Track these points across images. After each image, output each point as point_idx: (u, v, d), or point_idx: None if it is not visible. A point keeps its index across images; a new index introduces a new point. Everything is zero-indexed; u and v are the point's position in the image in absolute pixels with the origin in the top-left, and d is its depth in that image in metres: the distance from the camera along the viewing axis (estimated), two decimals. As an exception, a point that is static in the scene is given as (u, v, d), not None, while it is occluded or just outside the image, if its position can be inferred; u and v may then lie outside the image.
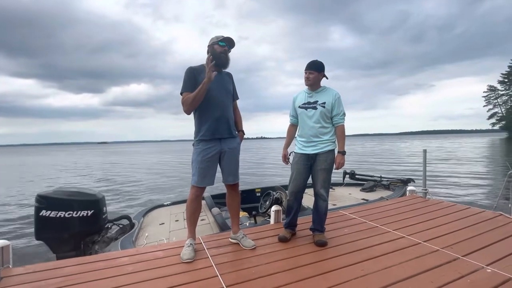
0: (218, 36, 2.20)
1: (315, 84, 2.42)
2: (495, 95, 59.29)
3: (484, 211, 3.08)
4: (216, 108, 2.17)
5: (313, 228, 2.45)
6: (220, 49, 2.18)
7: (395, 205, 3.45)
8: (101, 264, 2.02)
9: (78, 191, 2.99)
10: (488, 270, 1.82)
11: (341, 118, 2.39)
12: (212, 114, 2.17)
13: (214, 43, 2.19)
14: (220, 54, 2.19)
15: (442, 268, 1.86)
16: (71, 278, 1.83)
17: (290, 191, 2.46)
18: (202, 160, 2.17)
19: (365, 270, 1.86)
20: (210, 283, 1.74)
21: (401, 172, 12.13)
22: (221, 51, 2.19)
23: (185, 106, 2.13)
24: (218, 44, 2.18)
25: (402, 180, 4.84)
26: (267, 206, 3.55)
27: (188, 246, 2.15)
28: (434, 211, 3.17)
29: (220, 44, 2.18)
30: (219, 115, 2.19)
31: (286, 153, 2.57)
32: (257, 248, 2.26)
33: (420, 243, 2.29)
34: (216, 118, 2.18)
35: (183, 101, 2.13)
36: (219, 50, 2.18)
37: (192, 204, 2.21)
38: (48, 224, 2.75)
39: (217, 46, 2.19)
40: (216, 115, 2.18)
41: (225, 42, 2.19)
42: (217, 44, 2.18)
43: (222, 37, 2.19)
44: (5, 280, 1.79)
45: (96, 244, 2.99)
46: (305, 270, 1.89)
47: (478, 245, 2.20)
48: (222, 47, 2.19)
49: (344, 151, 2.37)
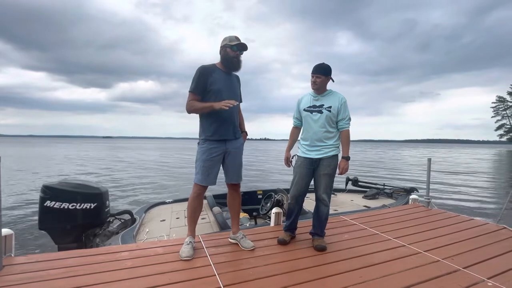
0: (231, 38, 2.21)
1: (321, 88, 2.41)
2: (504, 106, 58.44)
3: (487, 223, 3.04)
4: (225, 110, 2.19)
5: (313, 232, 2.44)
6: (233, 53, 2.21)
7: (396, 213, 3.42)
8: (102, 258, 2.04)
9: (82, 184, 3.03)
10: (489, 283, 1.79)
11: (347, 123, 2.38)
12: (220, 115, 2.19)
13: (227, 45, 2.21)
14: (233, 58, 2.22)
15: (441, 279, 1.84)
16: (72, 269, 1.85)
17: (292, 194, 2.46)
18: (207, 159, 2.19)
19: (363, 277, 1.85)
20: (208, 282, 1.75)
21: (404, 181, 12.02)
22: (234, 55, 2.22)
23: (188, 108, 2.18)
24: (231, 49, 2.20)
25: (406, 189, 4.81)
26: (268, 208, 3.55)
27: (187, 244, 2.16)
28: (436, 221, 3.14)
29: (233, 49, 2.20)
30: (227, 117, 2.22)
31: (289, 155, 2.57)
32: (256, 249, 2.27)
33: (420, 252, 2.27)
34: (223, 119, 2.21)
35: (188, 102, 2.17)
36: (231, 54, 2.21)
37: (194, 202, 2.23)
38: (52, 215, 2.80)
39: (229, 50, 2.21)
40: (224, 117, 2.21)
41: (237, 47, 2.21)
42: (229, 48, 2.21)
43: (235, 40, 2.20)
44: (7, 268, 1.83)
45: (98, 237, 3.02)
46: (303, 274, 1.89)
47: (480, 257, 2.17)
48: (234, 52, 2.21)
49: (348, 157, 2.36)
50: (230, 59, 2.21)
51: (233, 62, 2.23)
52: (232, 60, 2.22)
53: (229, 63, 2.22)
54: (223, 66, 2.25)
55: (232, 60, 2.22)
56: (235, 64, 2.25)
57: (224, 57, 2.23)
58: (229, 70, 2.26)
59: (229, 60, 2.22)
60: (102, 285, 1.69)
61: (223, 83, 2.20)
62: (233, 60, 2.22)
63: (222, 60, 2.25)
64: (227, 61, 2.22)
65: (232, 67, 2.26)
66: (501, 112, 58.88)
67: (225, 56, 2.22)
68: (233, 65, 2.25)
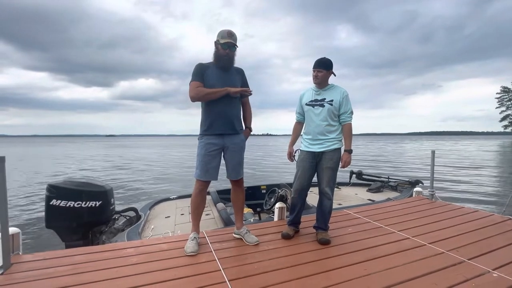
0: (223, 35, 2.18)
1: (323, 82, 2.40)
2: (509, 97, 57.65)
3: (492, 215, 3.03)
4: (218, 104, 2.20)
5: (317, 226, 2.45)
6: (223, 51, 2.20)
7: (400, 206, 3.41)
8: (108, 254, 2.07)
9: (87, 182, 3.06)
10: (494, 274, 1.79)
11: (349, 116, 2.37)
12: (215, 110, 2.20)
13: (218, 42, 2.20)
14: (223, 56, 2.22)
15: (446, 271, 1.84)
16: (79, 266, 1.88)
17: (295, 188, 2.46)
18: (205, 154, 2.21)
19: (367, 270, 1.86)
20: (213, 277, 1.76)
21: (409, 173, 11.96)
22: (223, 54, 2.21)
23: (194, 94, 2.14)
24: (221, 46, 2.19)
25: (410, 182, 4.77)
26: (271, 203, 3.56)
27: (192, 240, 2.18)
28: (440, 213, 3.12)
29: (223, 47, 2.19)
30: (221, 111, 2.21)
31: (292, 150, 2.56)
32: (260, 244, 2.28)
33: (425, 245, 2.26)
34: (218, 114, 2.21)
35: (194, 89, 2.14)
36: (221, 52, 2.21)
37: (196, 198, 2.25)
38: (58, 213, 2.83)
39: (220, 47, 2.20)
40: (218, 111, 2.21)
41: (227, 45, 2.19)
42: (219, 45, 2.20)
43: (226, 36, 2.17)
44: (15, 266, 1.86)
45: (104, 234, 3.06)
46: (307, 267, 1.90)
47: (485, 249, 2.17)
48: (224, 50, 2.20)
49: (350, 150, 2.35)
50: (220, 57, 2.21)
51: (223, 60, 2.23)
52: (222, 58, 2.22)
53: (219, 60, 2.23)
54: (215, 62, 2.25)
55: (222, 58, 2.22)
56: (225, 62, 2.24)
57: (215, 54, 2.23)
58: (222, 66, 2.25)
59: (219, 58, 2.22)
60: (108, 281, 1.71)
61: (216, 78, 2.20)
62: (223, 58, 2.22)
63: (213, 56, 2.25)
64: (218, 58, 2.22)
65: (222, 65, 2.24)
66: (506, 103, 58.18)
67: (216, 53, 2.23)
68: (223, 63, 2.24)
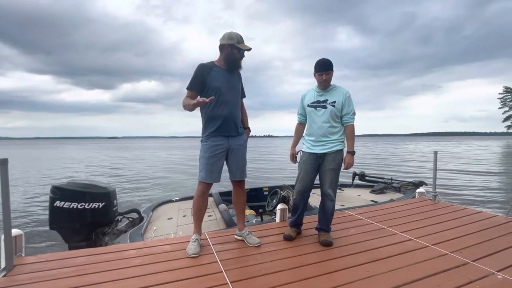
0: (238, 39, 2.18)
1: (329, 84, 2.39)
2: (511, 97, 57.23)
3: (496, 216, 3.00)
4: (225, 107, 2.21)
5: (319, 227, 2.44)
6: (239, 56, 2.24)
7: (403, 207, 3.39)
8: (111, 256, 2.07)
9: (90, 184, 3.07)
10: (498, 276, 1.77)
11: (351, 118, 2.36)
12: (221, 112, 2.20)
13: (234, 47, 2.19)
14: (238, 60, 2.25)
15: (450, 273, 1.83)
16: (82, 268, 1.89)
17: (297, 190, 2.46)
18: (210, 156, 2.20)
19: (370, 271, 1.85)
20: (215, 279, 1.76)
21: (412, 174, 11.90)
22: (239, 57, 2.25)
23: (183, 104, 2.17)
24: (238, 51, 2.21)
25: (414, 183, 4.74)
26: (273, 205, 3.55)
27: (194, 241, 2.18)
28: (443, 214, 3.10)
29: (240, 52, 2.22)
30: (228, 113, 2.22)
31: (294, 152, 2.56)
32: (262, 245, 2.28)
33: (428, 246, 2.25)
34: (224, 116, 2.21)
35: (184, 100, 2.17)
36: (237, 56, 2.23)
37: (199, 200, 2.25)
38: (61, 215, 2.85)
39: (236, 51, 2.21)
40: (225, 114, 2.21)
41: (244, 50, 2.23)
42: (236, 50, 2.21)
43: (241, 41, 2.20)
44: (18, 268, 1.86)
45: (107, 235, 3.06)
46: (309, 269, 1.89)
47: (489, 250, 2.15)
48: (240, 54, 2.24)
49: (353, 151, 2.35)
50: (235, 60, 2.24)
51: (237, 64, 2.27)
52: (236, 62, 2.25)
53: (232, 64, 2.25)
54: (223, 64, 2.25)
55: (236, 62, 2.26)
56: (238, 66, 2.29)
57: (228, 57, 2.22)
58: (231, 69, 2.27)
59: (233, 61, 2.24)
60: (111, 283, 1.71)
61: (222, 80, 2.20)
62: (237, 62, 2.26)
63: (224, 58, 2.23)
64: (231, 62, 2.23)
65: (234, 67, 2.28)
66: (509, 103, 57.71)
67: (229, 56, 2.22)
68: (235, 66, 2.28)
